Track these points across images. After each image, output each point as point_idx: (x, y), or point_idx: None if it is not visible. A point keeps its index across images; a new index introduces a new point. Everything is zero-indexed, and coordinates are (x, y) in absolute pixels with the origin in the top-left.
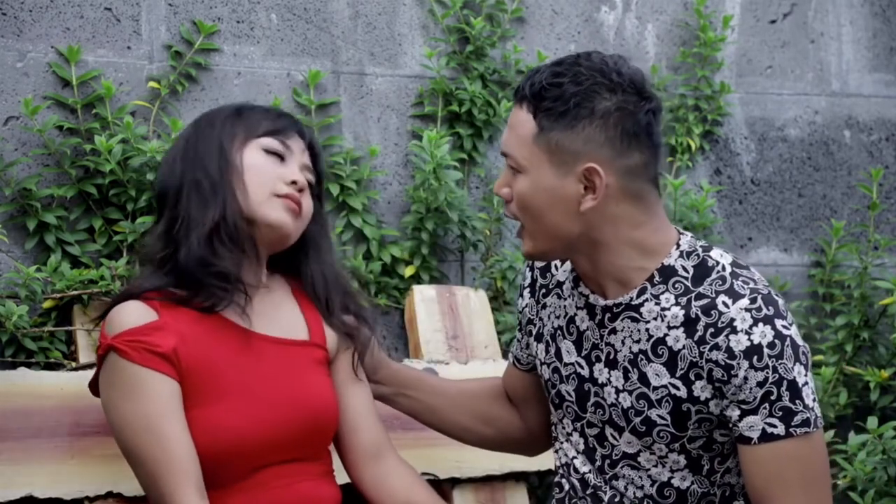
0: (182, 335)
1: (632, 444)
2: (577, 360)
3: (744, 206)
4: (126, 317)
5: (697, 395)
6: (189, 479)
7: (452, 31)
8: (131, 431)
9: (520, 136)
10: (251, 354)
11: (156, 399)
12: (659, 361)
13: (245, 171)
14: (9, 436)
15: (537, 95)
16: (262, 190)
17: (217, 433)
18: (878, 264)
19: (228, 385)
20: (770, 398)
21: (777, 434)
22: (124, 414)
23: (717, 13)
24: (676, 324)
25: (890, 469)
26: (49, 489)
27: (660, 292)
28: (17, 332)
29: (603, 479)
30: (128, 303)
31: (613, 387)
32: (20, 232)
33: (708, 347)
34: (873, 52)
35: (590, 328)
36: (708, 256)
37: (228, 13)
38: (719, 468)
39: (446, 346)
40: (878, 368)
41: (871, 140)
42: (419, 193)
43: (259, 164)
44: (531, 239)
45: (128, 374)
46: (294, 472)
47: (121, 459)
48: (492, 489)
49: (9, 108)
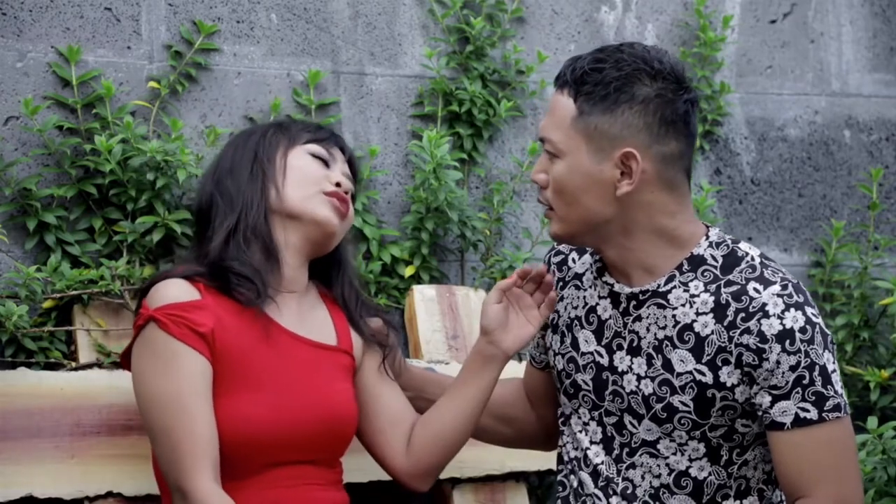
0: (221, 319)
1: (651, 431)
2: (597, 349)
3: (744, 205)
4: (170, 291)
5: (724, 380)
6: (207, 461)
7: (452, 31)
8: (159, 405)
9: (559, 120)
10: (282, 351)
11: (188, 375)
12: (684, 347)
13: (289, 171)
14: (9, 436)
15: (578, 80)
16: (311, 187)
17: (238, 423)
18: (878, 264)
19: (256, 377)
20: (802, 383)
21: (810, 419)
22: (155, 386)
23: (717, 13)
24: (706, 310)
25: (890, 469)
26: (49, 489)
27: (688, 280)
28: (17, 332)
29: (618, 469)
30: (173, 279)
31: (635, 374)
32: (20, 232)
33: (738, 332)
34: (873, 52)
35: (612, 317)
36: (737, 247)
37: (228, 13)
38: (737, 460)
39: (446, 346)
40: (878, 368)
41: (871, 140)
42: (419, 193)
43: (306, 165)
44: (561, 222)
45: (165, 346)
46: (307, 475)
47: (121, 459)
48: (492, 489)
49: (9, 108)
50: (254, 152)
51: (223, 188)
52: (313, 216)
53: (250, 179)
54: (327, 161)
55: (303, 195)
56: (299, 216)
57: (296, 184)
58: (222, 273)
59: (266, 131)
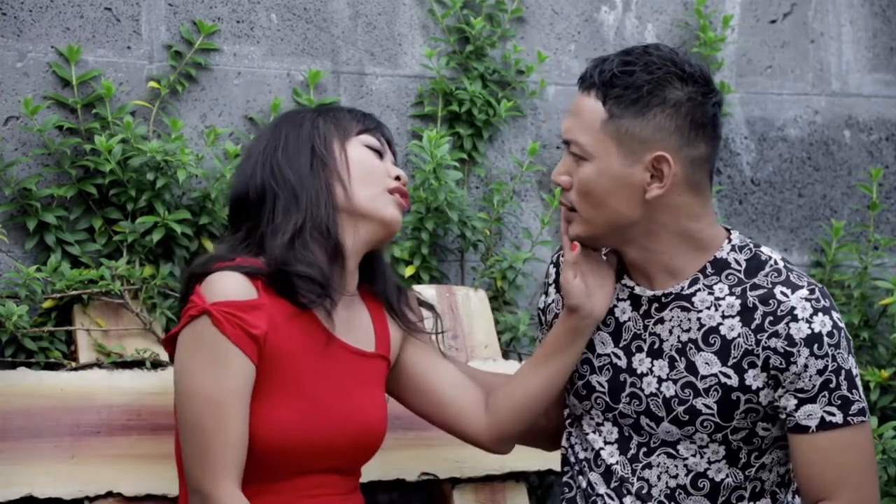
0: (275, 322)
1: (671, 433)
2: (614, 351)
3: (744, 205)
4: (229, 286)
5: (749, 383)
6: (234, 466)
7: (452, 31)
8: (199, 400)
9: (587, 122)
10: (330, 360)
11: (233, 377)
12: (710, 350)
13: (352, 166)
14: (9, 436)
15: (608, 83)
16: (376, 186)
17: (272, 428)
18: (878, 264)
19: (299, 384)
20: (829, 386)
21: (835, 423)
22: (197, 382)
23: (717, 13)
24: (732, 313)
25: (890, 469)
26: (49, 489)
27: (713, 283)
28: (17, 332)
29: (633, 469)
30: (233, 273)
31: (655, 376)
32: (20, 232)
33: (766, 335)
34: (873, 52)
35: (632, 319)
36: (759, 251)
37: (228, 13)
38: (755, 463)
39: (446, 346)
40: (878, 368)
41: (871, 140)
42: (419, 193)
43: (367, 160)
44: (584, 224)
45: (216, 343)
46: (330, 484)
47: (121, 459)
48: (492, 489)
49: (9, 108)
50: (310, 143)
51: (281, 179)
52: (381, 216)
53: (311, 174)
54: (381, 152)
55: (370, 194)
56: (367, 216)
57: (361, 181)
58: (286, 276)
59: (316, 120)
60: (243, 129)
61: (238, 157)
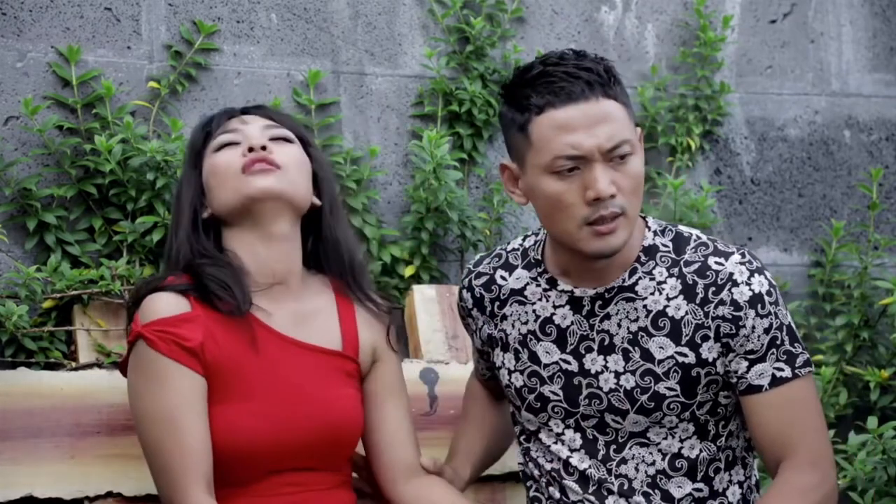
0: (211, 330)
1: (638, 423)
2: (562, 358)
3: (744, 205)
4: (159, 305)
5: (706, 357)
6: (199, 475)
7: (452, 31)
8: (150, 421)
9: (619, 120)
10: (274, 358)
11: (177, 392)
12: (661, 334)
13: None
14: (9, 436)
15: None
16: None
17: (234, 432)
18: (878, 264)
19: (248, 386)
20: (776, 343)
21: (785, 377)
22: (145, 403)
23: (717, 13)
24: (674, 294)
25: (890, 469)
26: (49, 489)
27: (651, 268)
28: (17, 332)
29: (608, 469)
30: (161, 293)
31: (612, 372)
32: (20, 232)
33: (713, 306)
34: (873, 52)
35: (575, 322)
36: (679, 230)
37: (228, 13)
38: (723, 432)
39: (446, 346)
40: (878, 368)
41: (871, 140)
42: (419, 193)
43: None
44: (629, 224)
45: (153, 364)
46: (309, 481)
47: (121, 459)
48: (492, 489)
49: (9, 108)
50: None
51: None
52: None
53: (185, 181)
54: (235, 140)
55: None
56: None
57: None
58: (198, 276)
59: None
60: None
61: None
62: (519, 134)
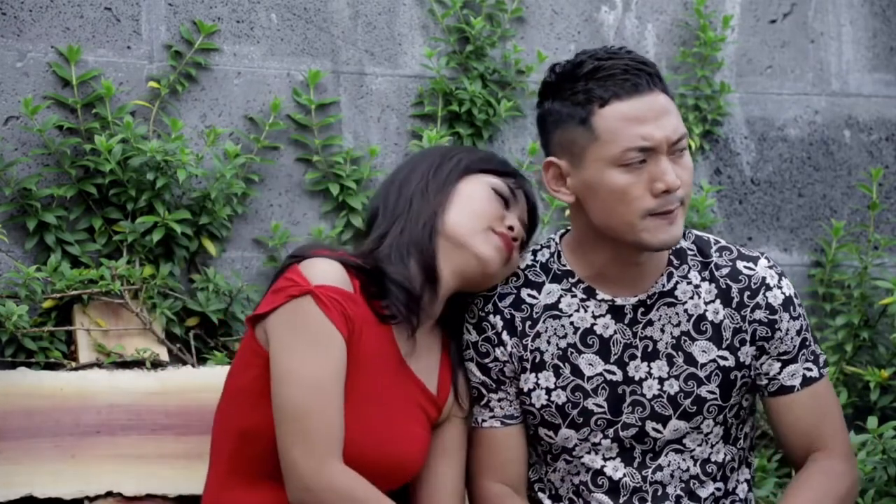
0: (361, 324)
1: (678, 430)
2: (606, 369)
3: (744, 205)
4: (332, 273)
5: (743, 360)
6: (337, 447)
7: (452, 31)
8: (299, 383)
9: (677, 114)
10: (393, 377)
11: (335, 361)
12: (703, 338)
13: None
14: (9, 436)
15: (655, 74)
16: (479, 222)
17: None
18: (878, 264)
19: (356, 395)
20: (805, 344)
21: (814, 377)
22: (297, 364)
23: (717, 13)
24: (711, 297)
25: (890, 469)
26: (49, 489)
27: (685, 272)
28: (17, 331)
29: (643, 476)
30: (334, 262)
31: (656, 378)
32: (20, 232)
33: (749, 310)
34: (873, 52)
35: (618, 331)
36: (695, 233)
37: (228, 13)
38: (740, 434)
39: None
40: (878, 368)
41: (871, 140)
42: None
43: (479, 196)
44: (684, 218)
45: (320, 326)
46: None
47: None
48: None
49: (9, 108)
50: (429, 168)
51: (388, 195)
52: (475, 250)
53: (418, 192)
54: (508, 202)
55: (470, 227)
56: (462, 246)
57: (462, 212)
58: (381, 278)
59: (451, 150)
60: (243, 129)
61: (238, 157)
62: (579, 128)
